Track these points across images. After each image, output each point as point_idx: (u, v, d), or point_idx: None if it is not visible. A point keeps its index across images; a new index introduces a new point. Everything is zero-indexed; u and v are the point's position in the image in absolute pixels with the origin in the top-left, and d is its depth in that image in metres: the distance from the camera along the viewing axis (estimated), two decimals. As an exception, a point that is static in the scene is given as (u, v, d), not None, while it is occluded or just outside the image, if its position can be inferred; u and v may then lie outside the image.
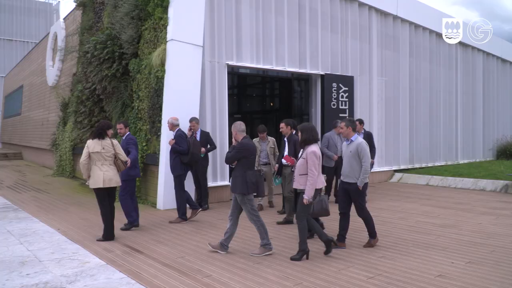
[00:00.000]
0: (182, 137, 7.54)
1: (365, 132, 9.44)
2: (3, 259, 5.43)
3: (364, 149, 5.66)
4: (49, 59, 18.82)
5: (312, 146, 5.38)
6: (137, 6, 9.85)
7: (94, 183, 6.25)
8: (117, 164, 6.45)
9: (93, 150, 6.25)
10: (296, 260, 5.26)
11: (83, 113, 12.43)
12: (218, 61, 9.64)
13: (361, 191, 5.75)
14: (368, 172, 5.66)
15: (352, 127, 5.84)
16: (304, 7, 11.16)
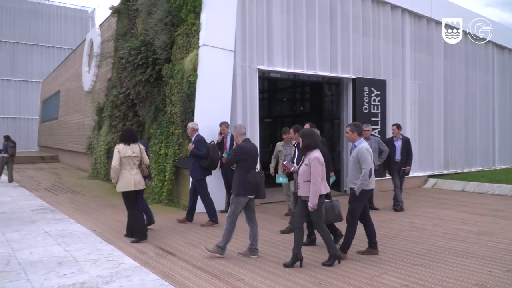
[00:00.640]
0: (202, 142, 7.67)
1: (403, 138, 9.22)
2: (41, 259, 5.61)
3: (363, 154, 5.49)
4: (85, 65, 19.39)
5: (314, 152, 5.25)
6: (170, 12, 10.04)
7: (125, 187, 6.42)
8: (142, 168, 6.66)
9: (124, 155, 6.43)
10: (329, 266, 5.21)
11: (118, 118, 12.74)
12: (249, 65, 9.69)
13: (357, 197, 5.54)
14: (366, 179, 5.45)
15: (357, 131, 5.67)
16: (335, 10, 11.10)
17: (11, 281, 4.74)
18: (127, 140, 6.54)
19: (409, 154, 9.12)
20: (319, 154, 5.24)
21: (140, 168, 6.64)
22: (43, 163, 24.87)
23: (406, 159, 9.07)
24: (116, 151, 6.44)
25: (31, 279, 4.78)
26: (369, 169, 5.47)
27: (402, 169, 9.08)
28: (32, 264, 5.37)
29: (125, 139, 6.54)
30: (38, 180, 15.65)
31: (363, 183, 5.48)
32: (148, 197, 10.15)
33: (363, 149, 5.53)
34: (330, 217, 5.71)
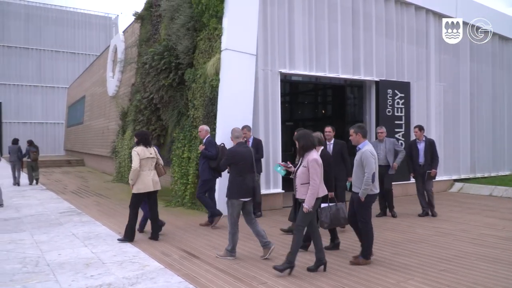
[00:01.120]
0: (212, 143, 7.95)
1: (427, 140, 8.84)
2: (69, 260, 5.73)
3: (367, 158, 5.30)
4: (110, 71, 19.76)
5: (312, 153, 5.09)
6: (193, 17, 10.15)
7: (144, 188, 6.61)
8: (158, 168, 6.91)
9: (143, 157, 6.63)
10: (280, 271, 4.97)
11: (141, 122, 12.93)
12: (271, 69, 9.71)
13: (363, 203, 5.39)
14: (369, 183, 5.27)
15: (362, 133, 5.50)
16: (358, 12, 11.02)
17: (40, 282, 4.86)
18: (145, 142, 6.75)
19: (434, 157, 8.75)
20: (317, 156, 5.09)
21: (156, 169, 6.86)
22: (69, 167, 25.42)
23: (431, 162, 8.71)
24: (135, 153, 6.60)
25: (59, 280, 4.89)
26: (372, 173, 5.29)
27: (427, 172, 8.70)
28: (60, 265, 5.48)
29: (143, 142, 6.75)
30: (65, 184, 16.00)
31: (366, 188, 5.30)
32: (171, 200, 10.26)
33: (366, 152, 5.35)
34: (335, 221, 5.65)
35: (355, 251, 5.97)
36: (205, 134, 8.08)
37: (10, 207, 10.38)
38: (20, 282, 4.82)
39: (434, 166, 8.74)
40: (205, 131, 8.10)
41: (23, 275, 5.08)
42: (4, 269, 5.34)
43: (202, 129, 8.13)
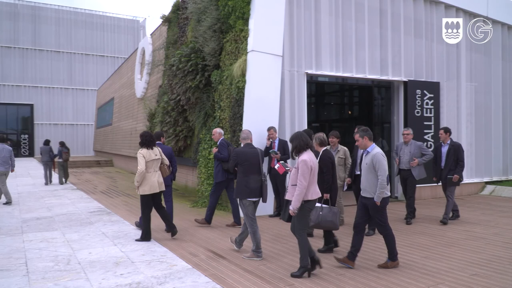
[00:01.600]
0: (223, 146, 8.03)
1: (452, 143, 8.28)
2: (99, 259, 5.85)
3: (379, 161, 5.16)
4: (138, 73, 20.11)
5: (304, 154, 5.02)
6: (219, 19, 10.23)
7: (150, 189, 6.70)
8: (163, 169, 6.99)
9: (149, 159, 6.74)
10: (297, 277, 4.94)
11: (168, 123, 13.09)
12: (297, 70, 9.69)
13: (379, 207, 5.25)
14: (384, 186, 5.13)
15: (368, 136, 5.38)
16: (385, 12, 10.88)
17: (72, 280, 4.97)
18: (149, 144, 6.83)
19: (458, 162, 8.15)
20: (308, 157, 4.99)
21: (161, 169, 6.96)
22: (98, 167, 25.98)
23: (454, 166, 8.14)
24: (141, 156, 6.70)
25: (90, 278, 5.00)
26: (386, 175, 5.16)
27: (448, 177, 8.17)
28: (91, 263, 5.61)
29: (147, 143, 6.82)
30: (95, 184, 16.35)
31: (382, 191, 5.15)
32: (197, 200, 10.35)
33: (378, 155, 5.21)
34: (322, 223, 5.56)
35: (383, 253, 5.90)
36: (218, 136, 8.20)
37: (42, 206, 10.68)
38: (52, 280, 4.95)
39: (457, 172, 8.12)
40: (218, 134, 8.21)
41: (55, 273, 5.22)
42: (37, 267, 5.49)
43: (215, 132, 8.25)
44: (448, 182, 8.19)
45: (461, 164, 8.19)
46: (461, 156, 8.21)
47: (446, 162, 8.23)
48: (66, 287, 4.72)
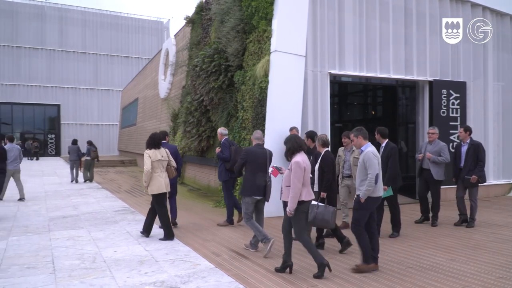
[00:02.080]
0: (225, 146, 8.23)
1: (471, 142, 7.98)
2: (124, 257, 5.94)
3: (369, 159, 5.17)
4: (161, 73, 20.35)
5: (297, 156, 5.10)
6: (242, 20, 10.26)
7: (158, 189, 6.87)
8: (170, 170, 7.13)
9: (155, 159, 6.87)
10: (319, 278, 4.95)
11: (192, 123, 13.21)
12: (320, 70, 9.63)
13: (362, 205, 5.22)
14: (372, 185, 5.13)
15: (362, 135, 5.40)
16: (410, 10, 10.72)
17: (97, 277, 5.06)
18: (155, 145, 6.98)
19: (478, 162, 7.81)
20: (301, 158, 5.05)
21: (168, 170, 7.10)
22: (122, 167, 26.40)
23: (474, 166, 7.82)
24: (147, 156, 6.85)
25: (115, 276, 5.08)
26: (375, 174, 5.14)
27: (466, 178, 7.87)
28: (116, 262, 5.70)
29: (153, 145, 6.97)
30: (119, 183, 16.62)
31: (368, 189, 5.15)
32: (220, 200, 10.40)
33: (369, 154, 5.22)
34: (318, 222, 5.57)
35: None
36: (220, 137, 8.49)
37: (68, 205, 10.92)
38: (78, 278, 5.05)
39: (476, 172, 7.79)
40: (220, 134, 8.51)
41: (81, 271, 5.32)
42: (63, 264, 5.61)
43: (218, 133, 8.62)
44: (466, 183, 7.91)
45: (481, 164, 7.84)
46: (481, 156, 7.87)
47: (466, 162, 7.94)
48: (92, 284, 4.81)
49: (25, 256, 6.02)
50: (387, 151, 6.99)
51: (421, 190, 8.34)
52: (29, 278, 5.04)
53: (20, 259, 5.89)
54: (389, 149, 7.03)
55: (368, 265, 5.20)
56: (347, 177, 7.69)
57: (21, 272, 5.30)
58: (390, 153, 6.97)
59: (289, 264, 5.16)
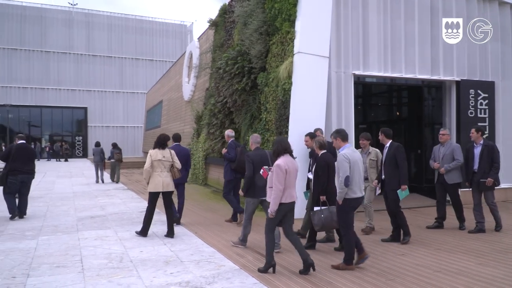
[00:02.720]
0: (231, 147, 8.64)
1: (485, 143, 7.61)
2: (150, 257, 6.02)
3: (340, 162, 5.32)
4: (185, 76, 20.56)
5: (280, 158, 5.23)
6: (266, 22, 10.29)
7: (154, 187, 7.19)
8: (173, 171, 7.37)
9: (155, 158, 7.18)
10: (263, 272, 5.18)
11: (215, 125, 13.30)
12: (344, 71, 9.57)
13: (341, 206, 5.38)
14: (342, 187, 5.26)
15: (341, 137, 5.56)
16: (436, 9, 10.53)
17: (124, 277, 5.15)
18: (160, 145, 7.32)
19: (493, 164, 7.44)
20: (283, 161, 5.17)
21: (171, 171, 7.32)
22: (147, 168, 26.71)
23: (489, 169, 7.43)
24: (148, 155, 7.24)
25: (142, 276, 5.16)
26: (345, 176, 5.24)
27: (480, 181, 7.50)
28: (142, 262, 5.79)
29: (158, 145, 7.34)
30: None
31: (340, 191, 5.31)
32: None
33: (340, 156, 5.36)
34: (327, 224, 5.79)
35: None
36: (227, 138, 8.98)
37: (96, 205, 11.14)
38: (105, 277, 5.15)
39: (491, 175, 7.41)
40: (227, 136, 9.00)
41: (109, 270, 5.42)
42: (92, 263, 5.73)
43: (225, 135, 9.13)
44: (481, 187, 7.53)
45: (496, 166, 7.47)
46: (496, 157, 7.50)
47: (480, 165, 7.54)
48: (119, 284, 4.89)
49: (54, 255, 6.17)
50: (392, 151, 6.83)
51: (438, 195, 8.03)
52: (59, 277, 5.17)
53: (50, 258, 6.04)
54: (394, 148, 6.84)
55: (348, 266, 5.34)
56: (364, 179, 7.49)
57: (51, 271, 5.43)
58: (396, 152, 6.79)
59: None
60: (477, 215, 7.55)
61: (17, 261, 5.88)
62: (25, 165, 9.16)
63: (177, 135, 8.89)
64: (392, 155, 6.82)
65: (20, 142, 9.42)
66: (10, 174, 9.00)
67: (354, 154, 5.46)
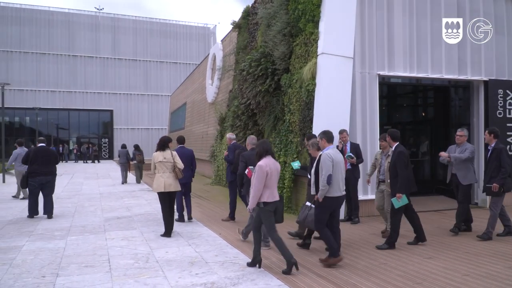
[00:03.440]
0: (231, 149, 9.08)
1: (495, 146, 7.07)
2: (175, 258, 6.09)
3: (323, 160, 5.57)
4: (209, 78, 20.71)
5: (262, 160, 5.44)
6: (289, 23, 10.27)
7: (157, 188, 7.51)
8: (176, 172, 7.62)
9: (157, 160, 7.54)
10: (287, 274, 5.22)
11: (239, 127, 13.35)
12: (368, 71, 9.47)
13: (320, 204, 5.64)
14: (324, 185, 5.50)
15: (326, 138, 5.78)
16: (463, 8, 10.32)
17: (151, 277, 5.22)
18: (160, 147, 7.67)
19: (500, 168, 6.92)
20: (264, 163, 5.39)
21: (174, 172, 7.59)
22: (171, 170, 27.04)
23: (496, 173, 6.94)
24: (153, 157, 7.66)
25: (167, 277, 5.22)
26: (327, 175, 5.48)
27: (486, 186, 7.09)
28: (167, 262, 5.86)
29: (159, 147, 7.68)
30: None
31: (322, 189, 5.54)
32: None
33: (323, 155, 5.62)
34: (308, 223, 6.03)
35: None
36: (228, 141, 9.46)
37: (122, 206, 11.34)
38: (132, 277, 5.24)
39: (497, 180, 6.89)
40: (228, 139, 9.51)
41: (135, 270, 5.51)
42: (119, 263, 5.83)
43: (227, 137, 9.65)
44: (486, 191, 7.13)
45: (504, 171, 6.91)
46: (504, 161, 6.93)
47: (487, 168, 7.14)
48: (146, 284, 4.97)
49: (83, 255, 6.31)
50: (394, 156, 6.55)
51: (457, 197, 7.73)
52: (87, 277, 5.28)
53: (78, 257, 6.18)
54: (396, 154, 6.54)
55: (336, 258, 5.55)
56: (382, 181, 7.28)
57: (80, 270, 5.56)
58: (396, 159, 6.48)
59: (258, 260, 5.51)
60: (503, 218, 7.24)
61: (47, 260, 6.04)
62: (44, 167, 9.47)
63: (181, 137, 9.40)
64: (393, 162, 6.55)
65: (40, 145, 9.85)
66: (29, 177, 9.42)
67: (337, 155, 5.73)
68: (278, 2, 10.78)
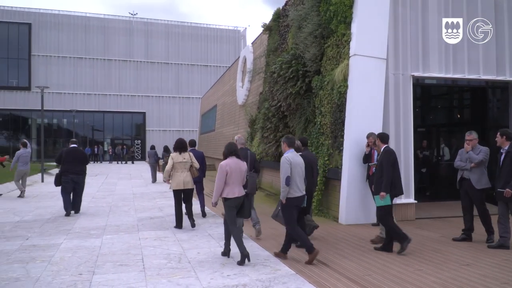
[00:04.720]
0: None
1: (508, 149, 6.62)
2: (207, 259, 6.14)
3: (282, 163, 5.94)
4: (239, 81, 20.83)
5: (226, 160, 6.00)
6: (320, 25, 10.21)
7: (176, 186, 8.17)
8: (192, 171, 8.37)
9: (177, 161, 8.21)
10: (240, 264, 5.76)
11: (269, 129, 13.35)
12: (402, 73, 9.30)
13: (284, 205, 5.97)
14: (283, 186, 5.86)
15: (287, 142, 6.13)
16: (501, 7, 9.99)
17: (183, 277, 5.28)
18: (179, 149, 8.32)
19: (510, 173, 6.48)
20: (225, 163, 5.94)
21: (190, 171, 8.31)
22: (202, 171, 27.32)
23: (510, 178, 6.45)
24: (170, 158, 8.27)
25: (199, 277, 5.26)
26: (285, 177, 5.84)
27: (498, 191, 6.62)
28: (199, 263, 5.92)
29: (179, 148, 8.32)
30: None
31: (283, 190, 5.91)
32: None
33: (282, 158, 6.00)
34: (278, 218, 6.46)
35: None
36: None
37: (155, 206, 11.53)
38: (165, 277, 5.31)
39: (510, 185, 6.40)
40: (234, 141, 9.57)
41: (168, 270, 5.58)
42: (152, 263, 5.93)
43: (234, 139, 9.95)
44: (497, 196, 6.65)
45: None
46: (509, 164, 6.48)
47: (501, 173, 6.64)
48: (178, 284, 5.02)
49: (117, 254, 6.45)
50: (381, 156, 6.48)
51: (463, 204, 7.31)
52: (122, 275, 5.39)
53: (113, 256, 6.32)
54: (383, 153, 6.45)
55: (312, 253, 5.77)
56: None
57: (115, 268, 5.68)
58: (382, 157, 6.43)
59: (227, 250, 6.19)
60: (501, 227, 6.72)
61: (83, 258, 6.20)
62: (75, 167, 10.22)
63: (192, 141, 10.32)
64: (380, 161, 6.51)
65: (72, 146, 10.57)
66: (63, 175, 10.11)
67: (296, 158, 6.09)
68: (309, 3, 10.73)
